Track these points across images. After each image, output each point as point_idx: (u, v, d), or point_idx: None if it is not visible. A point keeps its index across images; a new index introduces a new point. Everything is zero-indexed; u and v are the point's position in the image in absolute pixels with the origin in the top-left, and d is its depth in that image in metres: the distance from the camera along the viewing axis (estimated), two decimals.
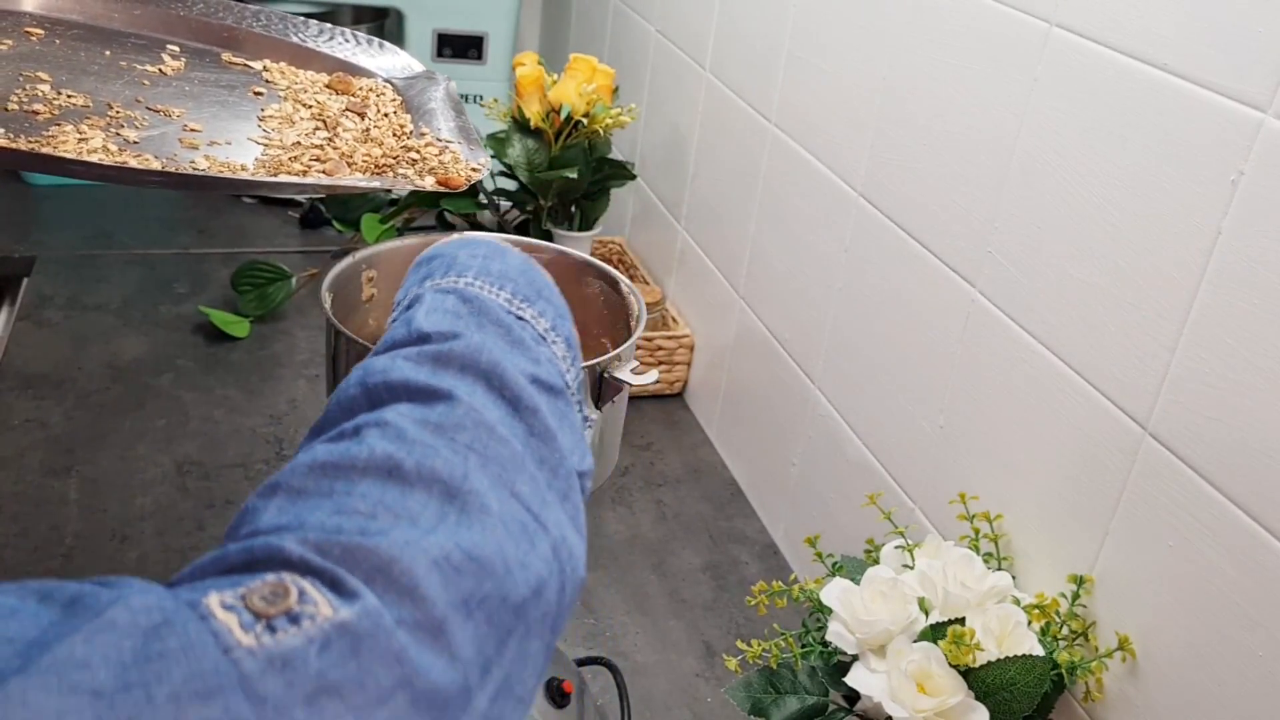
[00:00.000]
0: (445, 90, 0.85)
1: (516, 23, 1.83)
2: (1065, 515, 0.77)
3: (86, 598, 0.29)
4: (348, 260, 0.84)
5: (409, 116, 0.80)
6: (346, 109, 0.78)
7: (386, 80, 0.87)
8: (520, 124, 1.39)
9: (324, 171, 0.68)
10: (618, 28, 1.67)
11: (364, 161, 0.71)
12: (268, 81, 0.82)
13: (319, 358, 1.42)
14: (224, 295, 1.51)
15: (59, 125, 0.66)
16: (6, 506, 1.11)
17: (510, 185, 1.46)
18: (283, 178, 0.66)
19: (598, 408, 0.79)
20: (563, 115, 1.37)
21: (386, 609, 0.33)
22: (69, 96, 0.70)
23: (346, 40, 0.90)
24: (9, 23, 0.80)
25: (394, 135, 0.76)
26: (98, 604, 0.29)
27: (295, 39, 0.89)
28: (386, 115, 0.79)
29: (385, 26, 1.82)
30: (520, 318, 0.49)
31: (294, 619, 0.31)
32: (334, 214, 1.61)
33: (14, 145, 0.62)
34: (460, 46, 1.79)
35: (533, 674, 0.39)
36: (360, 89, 0.83)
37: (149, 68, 0.79)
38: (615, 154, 1.51)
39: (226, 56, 0.85)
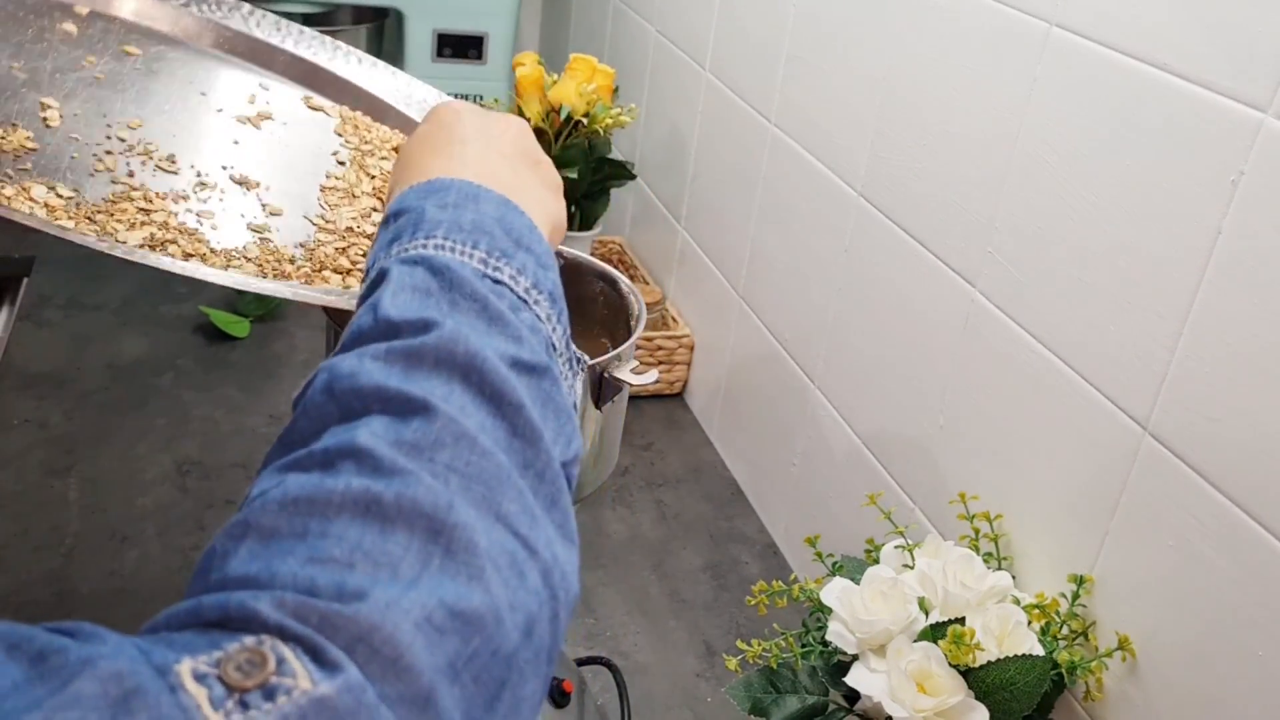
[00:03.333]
0: None
1: (516, 23, 1.82)
2: (1065, 515, 0.77)
3: (55, 655, 0.28)
4: None
5: None
6: None
7: None
8: None
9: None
10: (618, 28, 1.67)
11: None
12: (339, 134, 0.81)
13: (319, 358, 1.42)
14: (224, 295, 1.51)
15: (133, 197, 0.66)
16: (6, 506, 1.11)
17: None
18: (312, 297, 0.64)
19: (598, 408, 0.79)
20: (563, 115, 1.37)
21: (370, 683, 0.31)
22: (151, 156, 0.69)
23: (425, 96, 0.88)
24: (99, 29, 0.78)
25: None
26: (66, 665, 0.28)
27: (374, 88, 0.86)
28: None
29: (385, 27, 1.82)
30: (497, 281, 0.45)
31: (270, 693, 0.29)
32: None
33: (63, 222, 0.63)
34: (460, 46, 1.78)
35: (530, 713, 0.37)
36: None
37: (239, 113, 0.78)
38: (615, 154, 1.51)
39: (310, 101, 0.83)
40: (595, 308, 0.90)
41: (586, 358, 0.53)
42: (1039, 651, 0.71)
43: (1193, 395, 0.66)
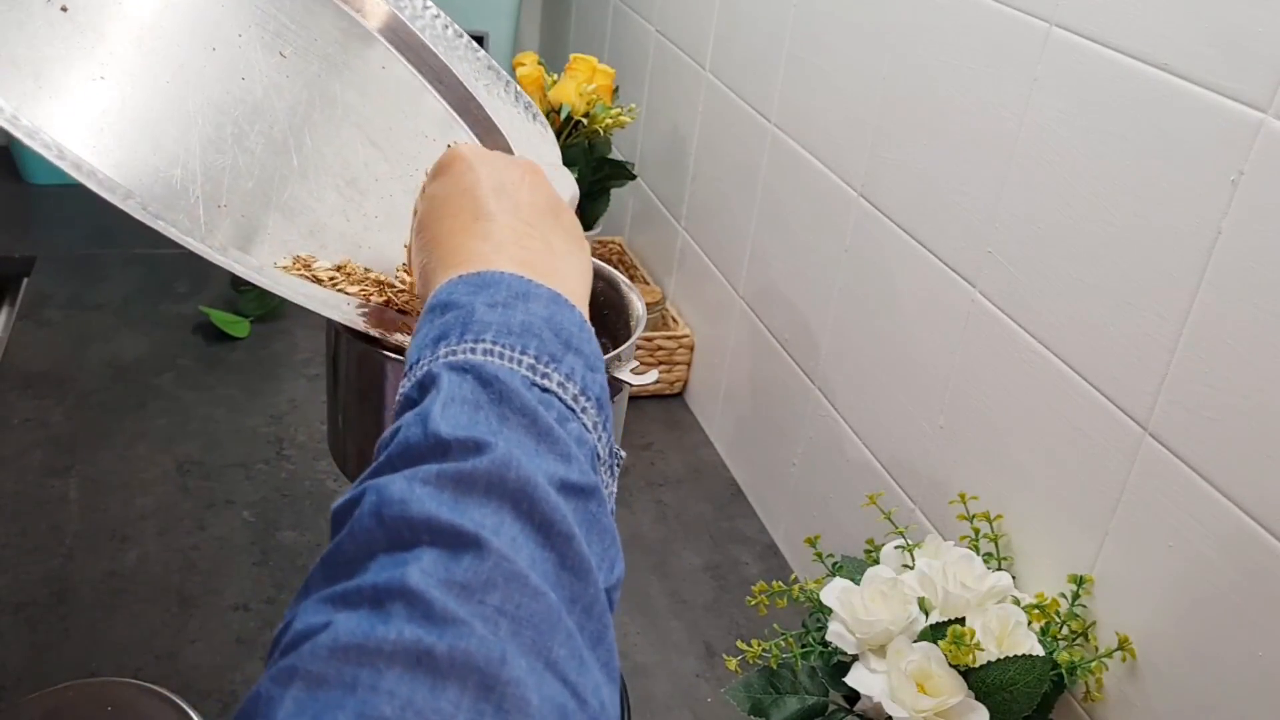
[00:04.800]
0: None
1: (516, 23, 1.82)
2: (1065, 515, 0.77)
3: None
4: None
5: None
6: None
7: None
8: None
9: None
10: (618, 28, 1.67)
11: None
12: None
13: (319, 358, 1.42)
14: (224, 295, 1.51)
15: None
16: (6, 506, 1.11)
17: None
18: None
19: None
20: (563, 115, 1.37)
21: None
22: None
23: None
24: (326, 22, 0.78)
25: None
26: None
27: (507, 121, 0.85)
28: None
29: None
30: (545, 389, 0.45)
31: None
32: None
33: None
34: None
35: None
36: None
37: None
38: (615, 154, 1.51)
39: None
40: (595, 308, 0.90)
41: (623, 454, 0.53)
42: (1039, 652, 0.71)
43: (1193, 395, 0.66)
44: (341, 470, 0.84)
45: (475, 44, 0.88)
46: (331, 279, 0.68)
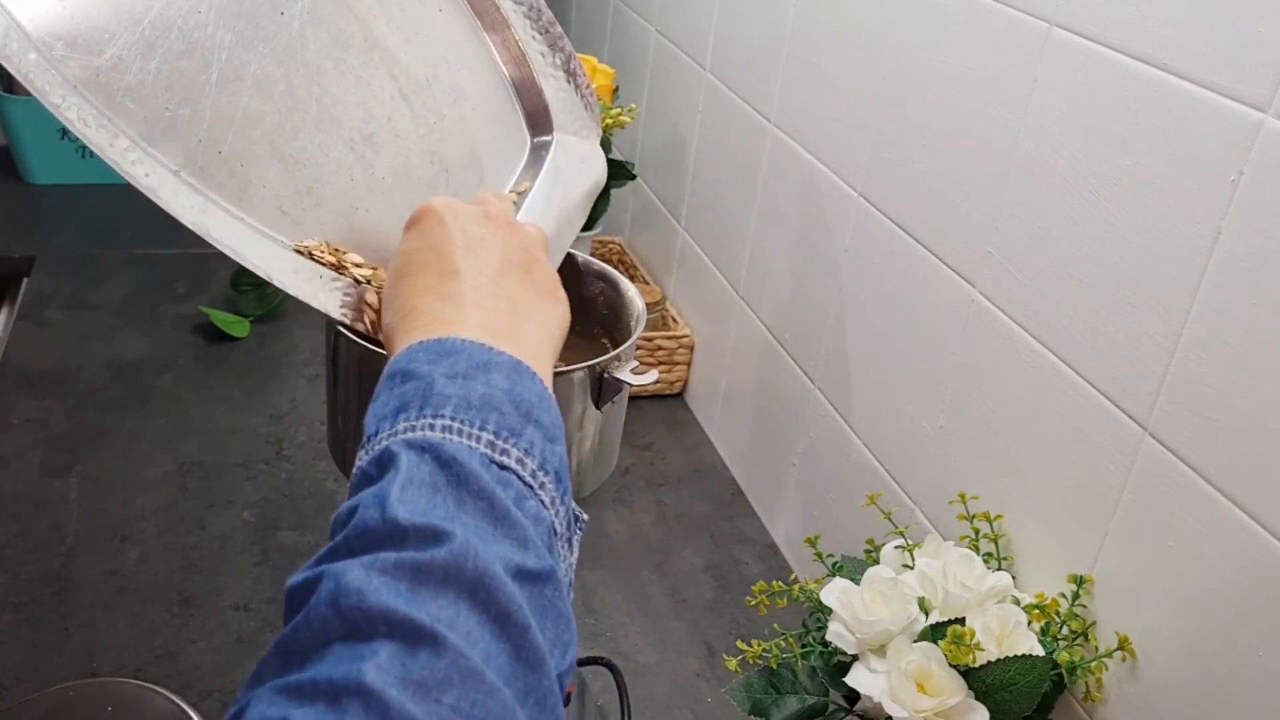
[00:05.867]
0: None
1: None
2: (1065, 515, 0.77)
3: None
4: None
5: None
6: None
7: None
8: None
9: None
10: (618, 28, 1.67)
11: None
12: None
13: (319, 358, 1.42)
14: (224, 295, 1.51)
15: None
16: (6, 506, 1.11)
17: None
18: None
19: (598, 408, 0.79)
20: None
21: None
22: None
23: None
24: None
25: None
26: None
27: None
28: None
29: None
30: (504, 466, 0.45)
31: None
32: None
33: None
34: None
35: None
36: None
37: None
38: (615, 154, 1.51)
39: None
40: (595, 308, 0.90)
41: (585, 515, 0.53)
42: (1039, 652, 0.71)
43: (1193, 395, 0.66)
44: (341, 470, 0.84)
45: (545, 7, 0.83)
46: (362, 278, 0.66)
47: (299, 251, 0.65)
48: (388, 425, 0.46)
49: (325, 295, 0.64)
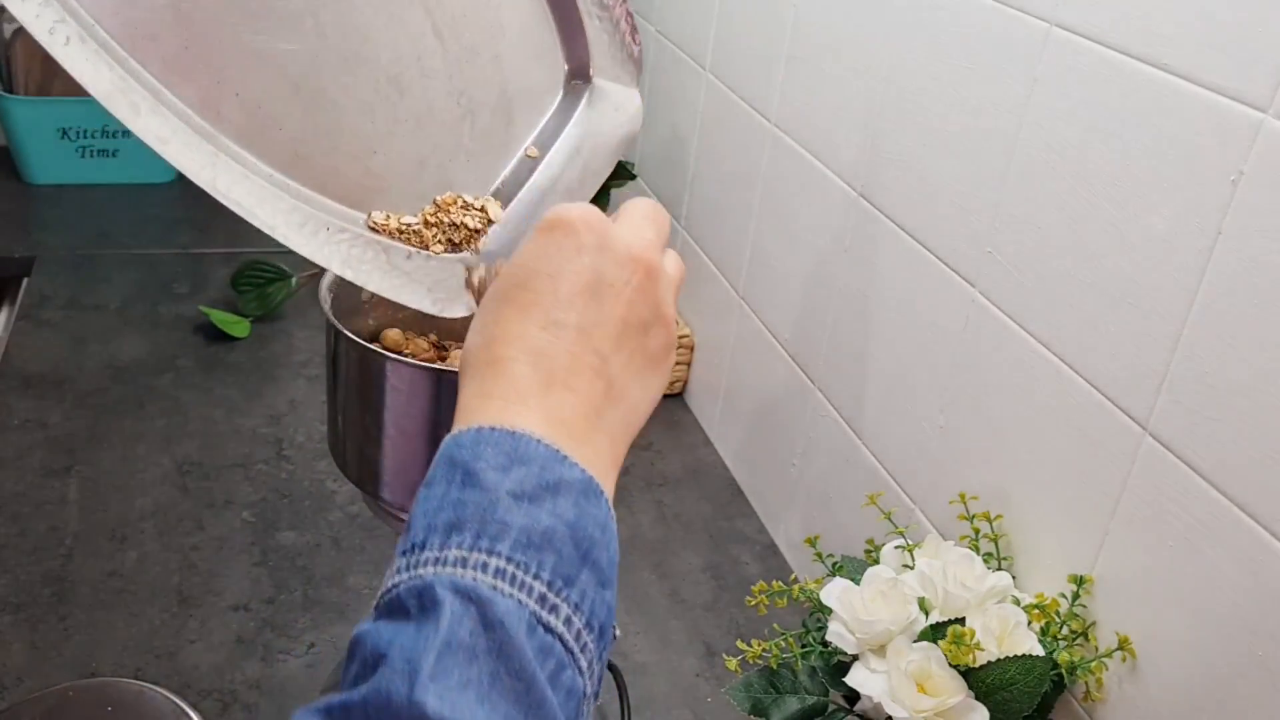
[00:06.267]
0: None
1: None
2: (1065, 515, 0.77)
3: None
4: None
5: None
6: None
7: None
8: None
9: None
10: None
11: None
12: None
13: (319, 358, 1.42)
14: (224, 295, 1.51)
15: None
16: (6, 506, 1.11)
17: None
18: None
19: None
20: None
21: None
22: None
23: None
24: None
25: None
26: None
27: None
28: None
29: None
30: (549, 628, 0.41)
31: None
32: None
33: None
34: None
35: None
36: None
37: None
38: None
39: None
40: None
41: (618, 633, 0.49)
42: (1039, 652, 0.71)
43: (1193, 395, 0.66)
44: (341, 470, 0.84)
45: None
46: (406, 230, 0.63)
47: (372, 228, 0.62)
48: (436, 543, 0.42)
49: (329, 250, 0.60)
